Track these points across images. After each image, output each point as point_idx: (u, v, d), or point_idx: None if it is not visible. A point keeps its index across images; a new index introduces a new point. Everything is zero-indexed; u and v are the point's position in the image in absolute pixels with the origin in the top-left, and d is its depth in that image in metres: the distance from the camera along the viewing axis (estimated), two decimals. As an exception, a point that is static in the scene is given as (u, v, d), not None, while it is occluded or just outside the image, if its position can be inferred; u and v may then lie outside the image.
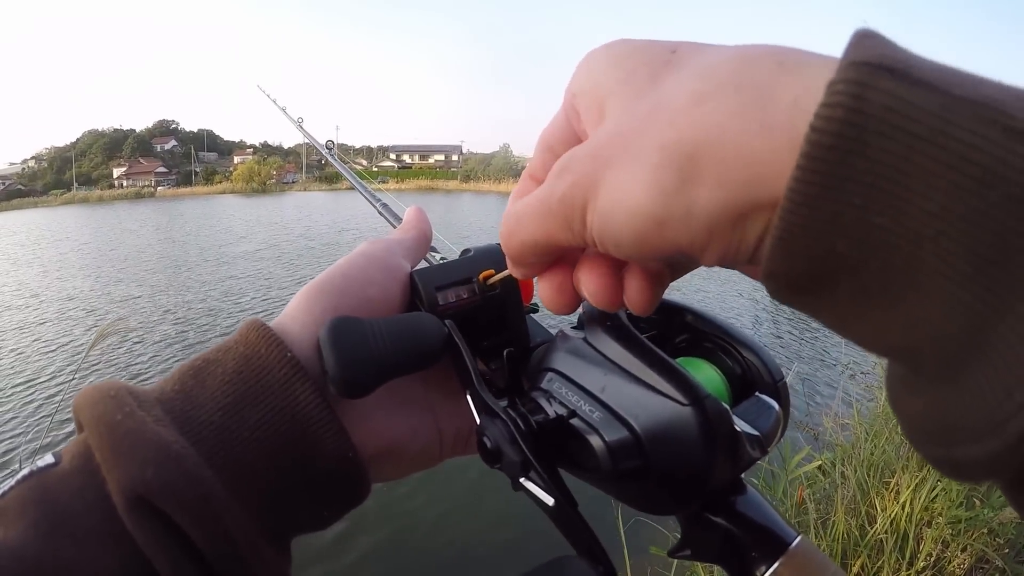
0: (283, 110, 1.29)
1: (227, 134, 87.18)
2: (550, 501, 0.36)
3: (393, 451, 0.39)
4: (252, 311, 11.98)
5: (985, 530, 2.33)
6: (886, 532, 2.39)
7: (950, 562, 2.34)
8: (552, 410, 0.38)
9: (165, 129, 75.31)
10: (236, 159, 71.66)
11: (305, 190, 62.45)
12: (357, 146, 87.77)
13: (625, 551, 2.50)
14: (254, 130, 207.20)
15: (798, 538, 0.33)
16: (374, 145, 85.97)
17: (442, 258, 0.55)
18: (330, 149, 1.09)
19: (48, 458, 0.29)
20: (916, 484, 2.40)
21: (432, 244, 0.54)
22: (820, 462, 3.01)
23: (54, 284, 15.41)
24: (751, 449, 0.34)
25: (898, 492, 2.49)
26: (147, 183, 62.09)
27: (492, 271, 0.47)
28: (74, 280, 15.99)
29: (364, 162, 79.78)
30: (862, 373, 4.80)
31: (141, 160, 67.30)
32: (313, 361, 0.36)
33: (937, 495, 2.38)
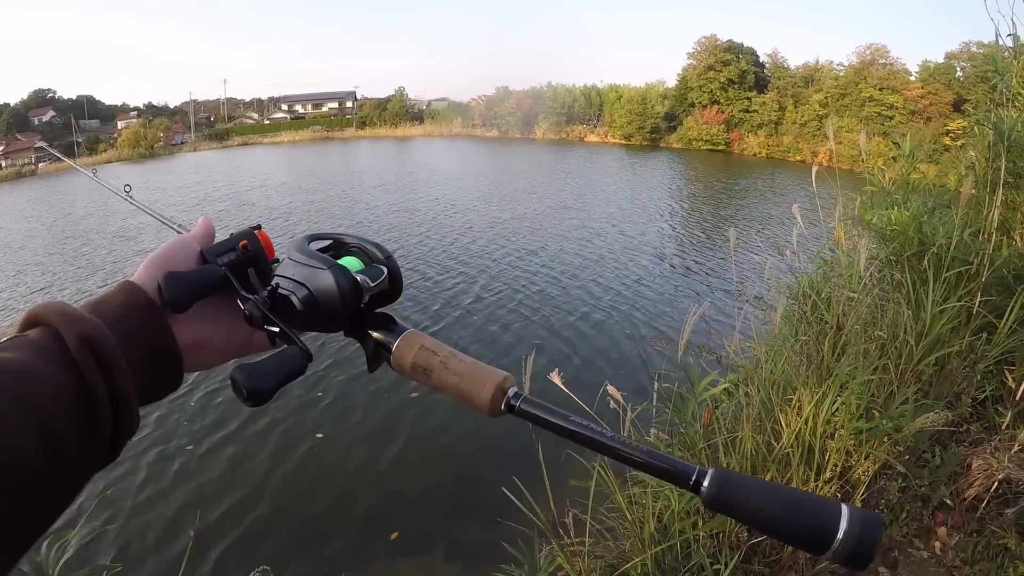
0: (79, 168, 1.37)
1: (108, 98, 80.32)
2: (277, 329, 0.62)
3: (202, 346, 0.64)
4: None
5: (885, 439, 2.44)
6: (792, 446, 2.47)
7: (854, 471, 2.44)
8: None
9: (42, 99, 68.43)
10: (120, 124, 66.20)
11: (195, 150, 59.08)
12: (247, 99, 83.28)
13: (547, 484, 2.58)
14: (137, 91, 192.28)
15: (410, 329, 0.65)
16: (264, 97, 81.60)
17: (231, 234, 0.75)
18: (128, 192, 1.21)
19: (17, 332, 0.50)
20: (817, 399, 2.48)
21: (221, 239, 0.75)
22: (726, 385, 3.07)
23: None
24: (365, 289, 0.64)
25: (800, 408, 2.56)
26: (27, 160, 56.62)
27: (246, 241, 0.72)
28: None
29: (255, 116, 76.03)
30: (756, 297, 4.94)
31: (18, 136, 60.68)
32: (156, 298, 0.59)
33: (838, 409, 2.46)
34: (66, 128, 65.05)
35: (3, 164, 56.63)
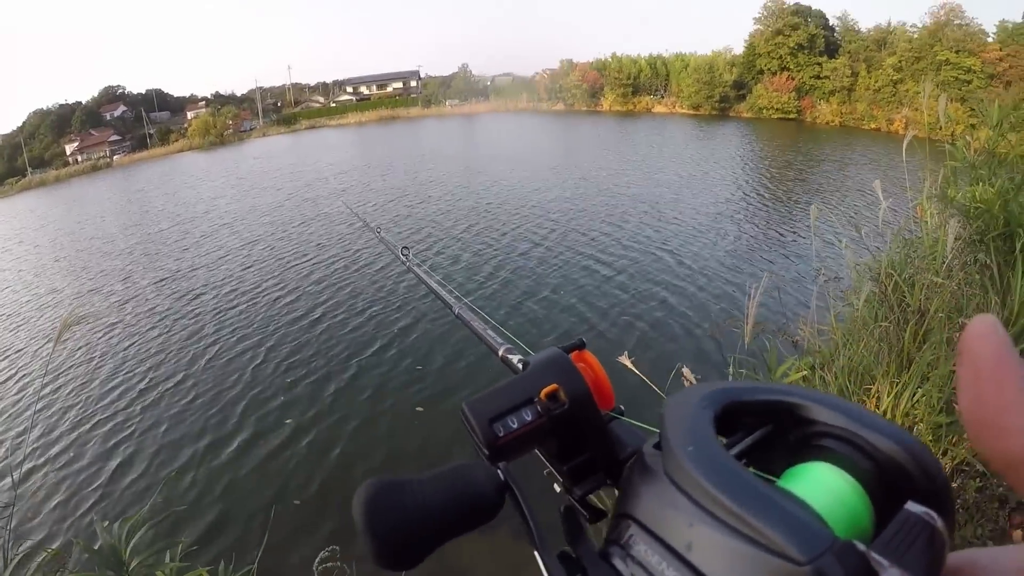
0: (365, 223, 1.62)
1: (176, 90, 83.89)
2: None
3: None
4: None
5: (965, 435, 2.38)
6: (869, 438, 2.43)
7: (932, 467, 2.39)
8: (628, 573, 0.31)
9: (112, 96, 72.45)
10: (189, 114, 69.46)
11: (264, 135, 61.62)
12: (312, 83, 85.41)
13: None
14: (203, 81, 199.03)
15: None
16: (329, 80, 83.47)
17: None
18: (406, 255, 1.27)
19: None
20: (896, 391, 2.44)
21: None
22: (804, 372, 3.04)
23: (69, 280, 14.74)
24: None
25: (879, 398, 2.53)
26: (102, 154, 59.89)
27: (555, 385, 0.42)
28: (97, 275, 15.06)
29: (321, 99, 77.93)
30: (836, 278, 4.79)
31: (92, 132, 64.82)
32: None
33: (918, 400, 2.42)
34: (137, 121, 68.59)
35: (79, 159, 60.31)
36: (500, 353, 0.68)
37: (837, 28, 48.13)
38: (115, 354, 9.09)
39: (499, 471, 0.40)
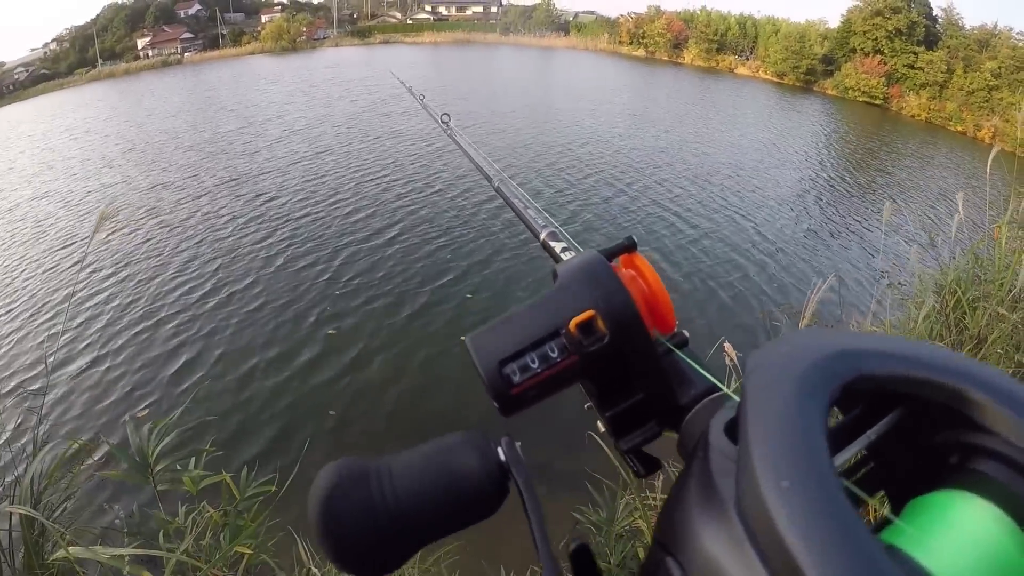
0: (409, 89, 1.44)
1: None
2: None
3: None
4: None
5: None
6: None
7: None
8: None
9: None
10: (264, 18, 68.83)
11: (337, 46, 60.61)
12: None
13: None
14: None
15: None
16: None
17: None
18: (446, 123, 1.16)
19: None
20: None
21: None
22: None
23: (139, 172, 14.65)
24: None
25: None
26: (173, 50, 59.64)
27: (591, 311, 0.31)
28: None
29: (398, 15, 76.52)
30: (900, 284, 4.69)
31: (165, 28, 64.26)
32: None
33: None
34: (211, 21, 67.71)
35: (150, 54, 60.08)
36: (542, 237, 0.57)
37: (940, 20, 44.96)
38: (177, 252, 9.10)
39: (499, 449, 0.31)
